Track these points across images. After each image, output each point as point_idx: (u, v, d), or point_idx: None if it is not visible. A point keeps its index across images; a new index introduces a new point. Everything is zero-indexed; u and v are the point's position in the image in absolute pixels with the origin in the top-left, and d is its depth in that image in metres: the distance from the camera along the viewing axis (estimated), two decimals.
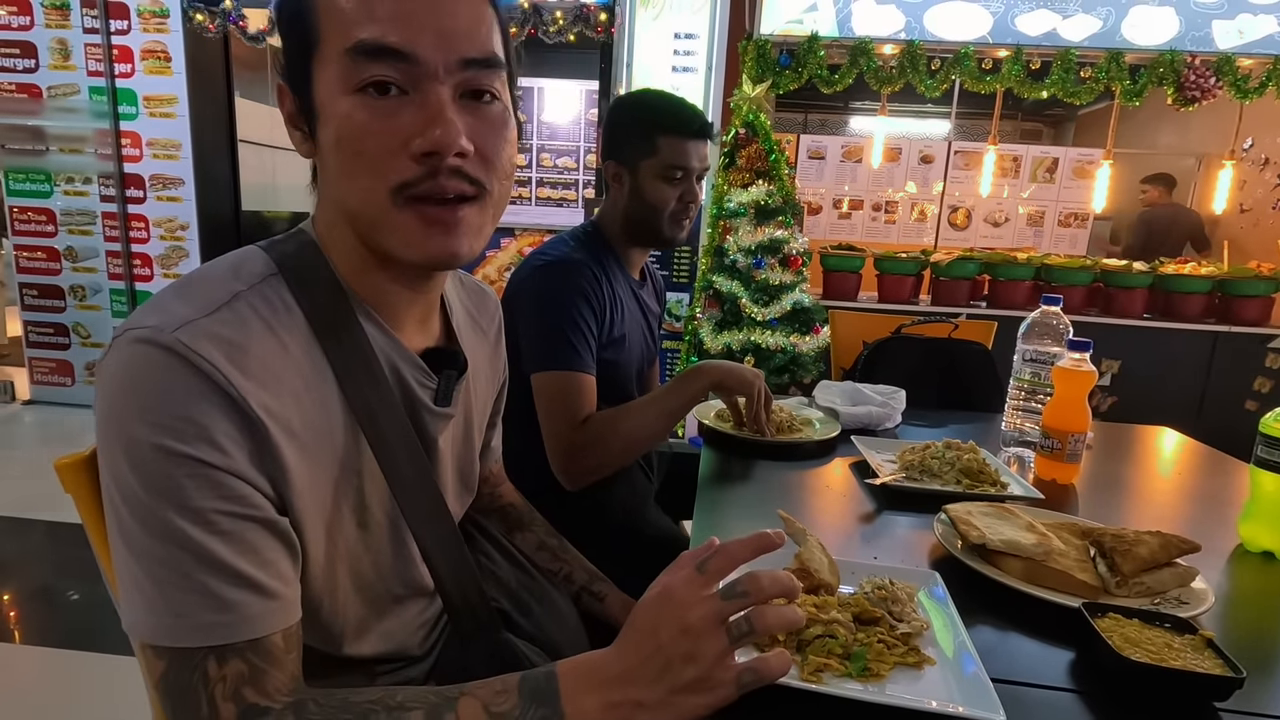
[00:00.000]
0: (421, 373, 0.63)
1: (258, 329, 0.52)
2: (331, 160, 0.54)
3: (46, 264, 3.65)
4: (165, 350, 0.48)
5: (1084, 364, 1.09)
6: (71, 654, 1.78)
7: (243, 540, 0.49)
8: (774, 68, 3.16)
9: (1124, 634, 0.63)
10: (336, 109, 0.52)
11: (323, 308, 0.56)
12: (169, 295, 0.52)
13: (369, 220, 0.54)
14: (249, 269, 0.56)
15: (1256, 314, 3.17)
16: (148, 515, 0.48)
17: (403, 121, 0.51)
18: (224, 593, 0.48)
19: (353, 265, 0.59)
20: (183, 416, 0.47)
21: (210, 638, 0.48)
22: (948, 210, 4.79)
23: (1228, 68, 3.02)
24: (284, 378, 0.52)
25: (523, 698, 0.48)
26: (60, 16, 3.41)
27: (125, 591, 0.49)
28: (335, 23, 0.52)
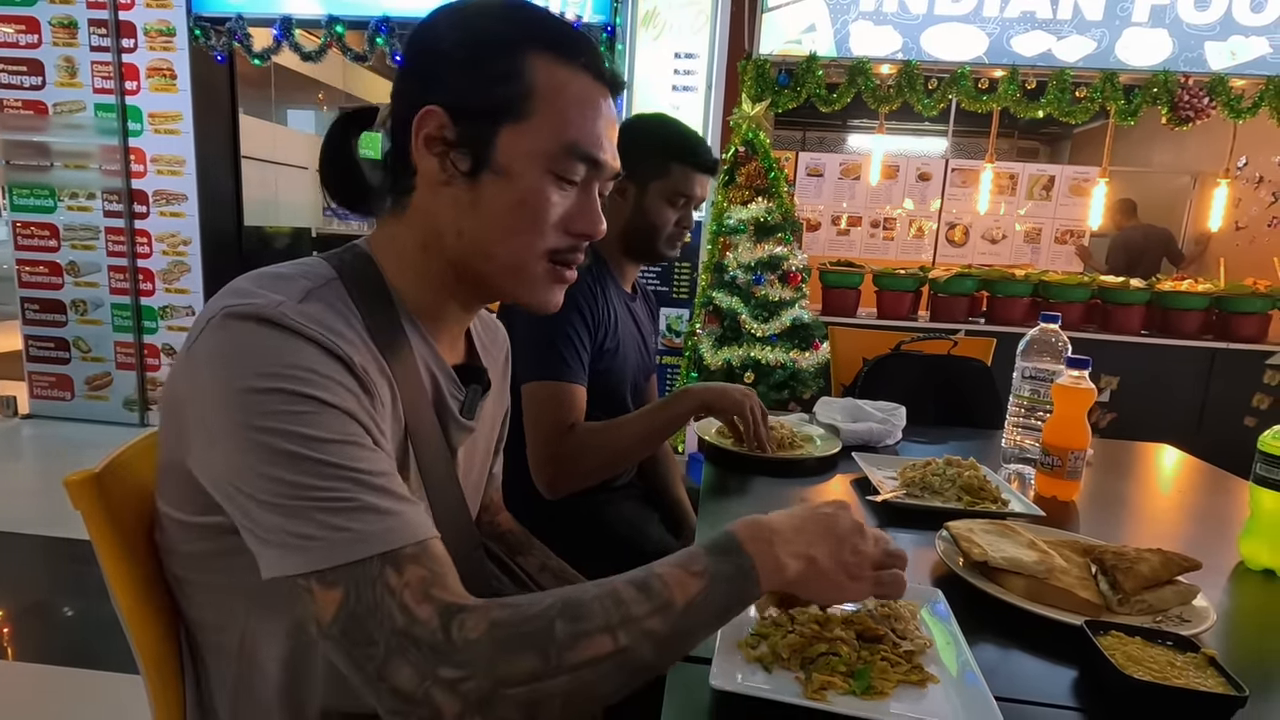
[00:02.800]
0: (453, 384, 0.66)
1: (337, 319, 0.55)
2: (495, 211, 0.59)
3: (48, 278, 3.67)
4: (271, 323, 0.51)
5: (1083, 381, 1.10)
6: (70, 671, 1.76)
7: (371, 462, 0.51)
8: (773, 87, 3.20)
9: (1126, 652, 0.63)
10: (528, 178, 0.59)
11: (376, 312, 0.59)
12: (250, 285, 0.54)
13: (511, 266, 0.62)
14: (314, 270, 0.59)
15: (1254, 331, 3.19)
16: (278, 453, 0.48)
17: (571, 207, 0.62)
18: (379, 502, 0.50)
19: (416, 281, 0.63)
20: (298, 365, 0.50)
21: (383, 543, 0.48)
22: (945, 227, 4.83)
23: (1221, 88, 3.06)
24: (373, 367, 0.56)
25: (710, 555, 0.54)
26: (68, 35, 3.45)
27: (274, 540, 0.49)
28: (555, 115, 0.59)
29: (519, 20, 0.60)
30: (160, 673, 0.63)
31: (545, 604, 0.49)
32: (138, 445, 0.69)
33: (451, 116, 0.58)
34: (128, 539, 0.62)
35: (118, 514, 0.62)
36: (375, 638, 0.47)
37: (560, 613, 0.49)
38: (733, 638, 0.65)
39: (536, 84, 0.58)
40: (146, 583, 0.62)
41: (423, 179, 0.60)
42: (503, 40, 0.58)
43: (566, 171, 0.60)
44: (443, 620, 0.47)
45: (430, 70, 0.60)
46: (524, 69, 0.58)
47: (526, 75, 0.58)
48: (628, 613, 0.50)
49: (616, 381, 1.28)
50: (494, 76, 0.58)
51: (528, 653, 0.47)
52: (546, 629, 0.48)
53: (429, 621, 0.47)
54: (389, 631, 0.47)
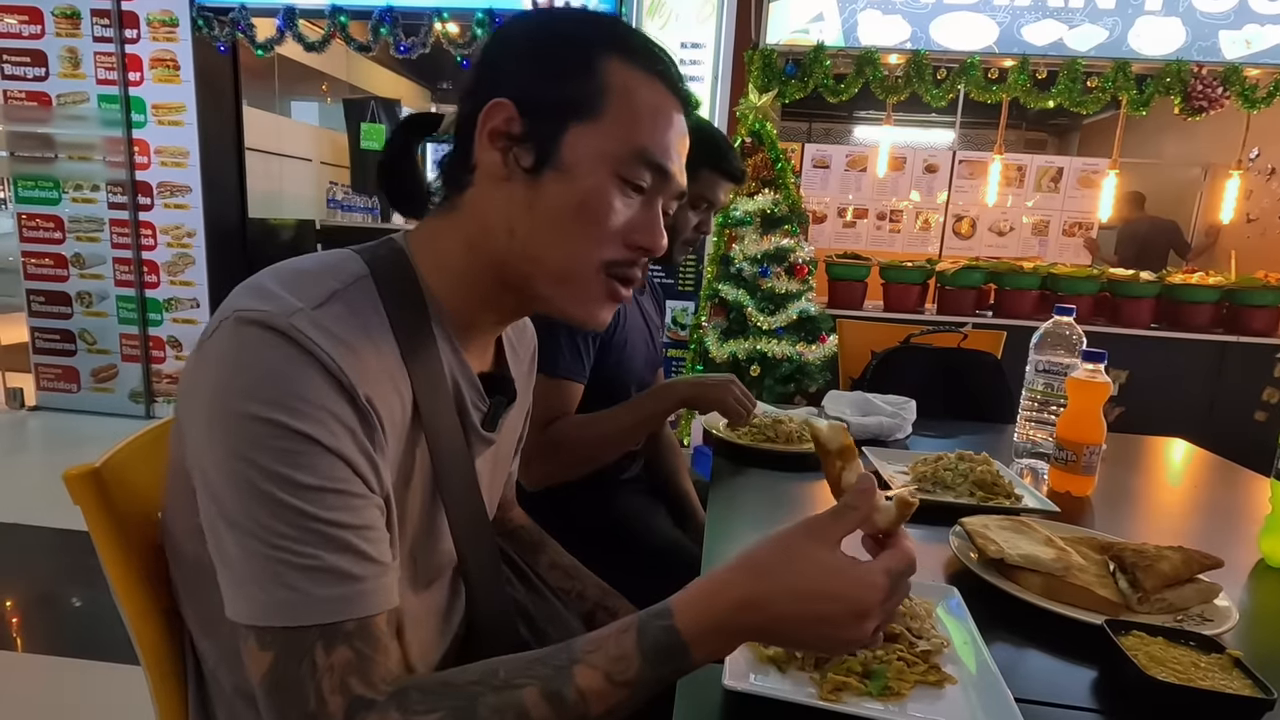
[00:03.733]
0: (477, 394, 0.63)
1: (356, 327, 0.53)
2: (553, 210, 0.56)
3: (54, 270, 3.67)
4: (281, 335, 0.49)
5: (1099, 375, 1.08)
6: (76, 662, 1.77)
7: (351, 515, 0.49)
8: (780, 77, 3.17)
9: (1149, 652, 0.61)
10: (593, 179, 0.56)
11: (405, 316, 0.57)
12: (271, 282, 0.53)
13: (561, 272, 0.58)
14: (344, 268, 0.56)
15: (1265, 324, 3.15)
16: (255, 491, 0.47)
17: (633, 217, 0.58)
18: (341, 563, 0.48)
19: (454, 283, 0.60)
20: (298, 395, 0.48)
21: (326, 613, 0.47)
22: (952, 219, 4.79)
23: (1235, 78, 3.02)
24: (381, 379, 0.54)
25: (647, 662, 0.48)
26: (71, 26, 3.44)
27: (231, 576, 0.48)
28: (626, 117, 0.56)
29: (596, 23, 0.59)
30: (160, 668, 0.62)
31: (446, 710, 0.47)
32: (140, 439, 0.68)
33: (520, 110, 0.56)
34: (128, 534, 0.61)
35: (118, 509, 0.61)
36: (289, 715, 0.47)
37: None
38: None
39: (610, 83, 0.56)
40: (147, 578, 0.61)
41: (481, 174, 0.58)
42: (578, 39, 0.57)
43: (633, 177, 0.57)
44: (347, 716, 0.46)
45: (501, 65, 0.58)
46: (598, 67, 0.56)
47: (600, 74, 0.56)
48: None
49: (624, 376, 1.27)
50: (567, 72, 0.56)
51: None
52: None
53: (335, 714, 0.46)
54: (300, 714, 0.46)
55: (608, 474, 1.27)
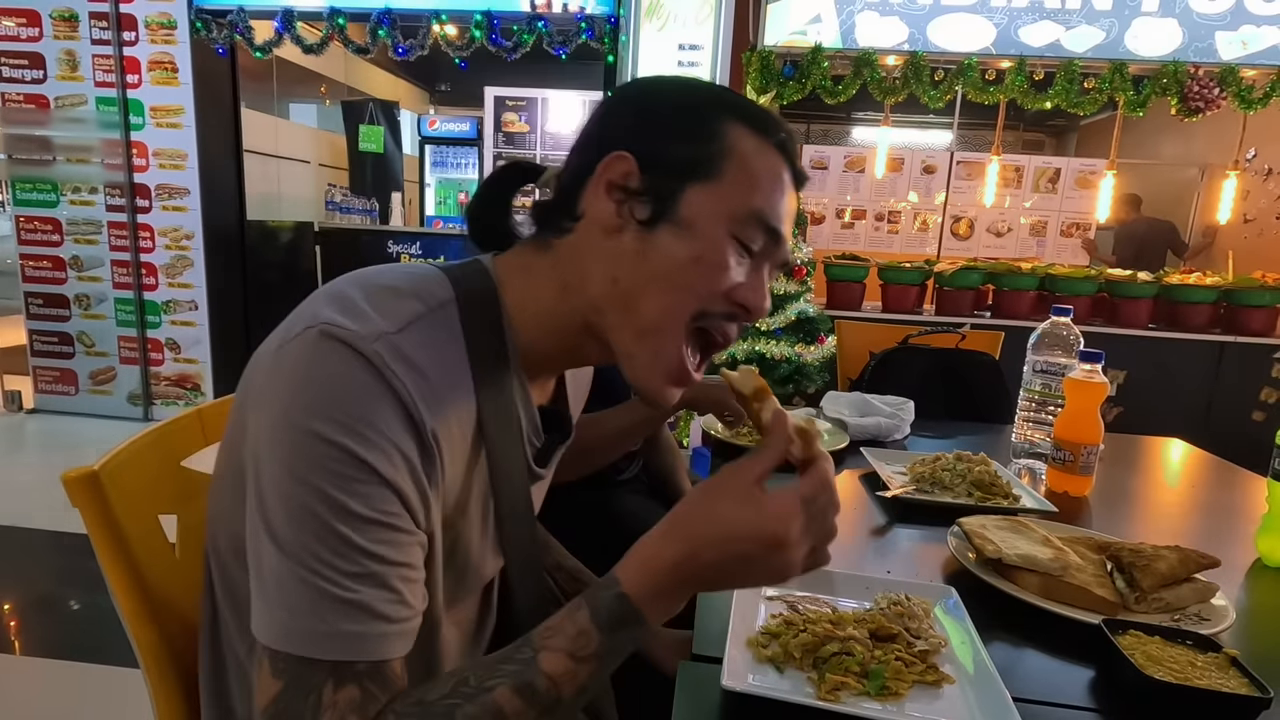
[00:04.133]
0: (534, 430, 0.64)
1: (434, 356, 0.53)
2: (666, 262, 0.56)
3: (52, 273, 3.66)
4: (364, 359, 0.49)
5: (1096, 375, 1.09)
6: (74, 665, 1.76)
7: (395, 551, 0.49)
8: (778, 78, 3.17)
9: (1146, 652, 0.62)
10: (710, 235, 0.56)
11: (484, 348, 0.57)
12: (358, 296, 0.53)
13: (653, 326, 0.57)
14: (431, 291, 0.56)
15: (1262, 324, 3.16)
16: (306, 511, 0.47)
17: (739, 275, 0.58)
18: (369, 601, 0.48)
19: (537, 320, 0.60)
20: (368, 422, 0.48)
21: (344, 650, 0.47)
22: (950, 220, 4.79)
23: (1231, 78, 3.02)
24: (449, 410, 0.54)
25: (604, 633, 0.49)
26: (69, 28, 3.44)
27: (262, 590, 0.48)
28: (745, 180, 0.57)
29: (722, 92, 0.61)
30: (160, 669, 0.62)
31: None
32: (138, 441, 0.68)
33: (640, 165, 0.56)
34: (127, 536, 0.61)
35: (117, 511, 0.61)
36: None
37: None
38: (743, 635, 0.64)
39: (731, 147, 0.57)
40: (146, 581, 0.61)
41: (590, 223, 0.58)
42: (704, 103, 0.59)
43: (747, 238, 0.57)
44: None
45: (624, 121, 0.59)
46: (721, 131, 0.57)
47: (722, 137, 0.57)
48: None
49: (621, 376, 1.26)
50: (691, 133, 0.57)
51: None
52: None
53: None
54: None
55: (606, 475, 1.27)
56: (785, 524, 0.50)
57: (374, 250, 4.06)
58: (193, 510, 0.71)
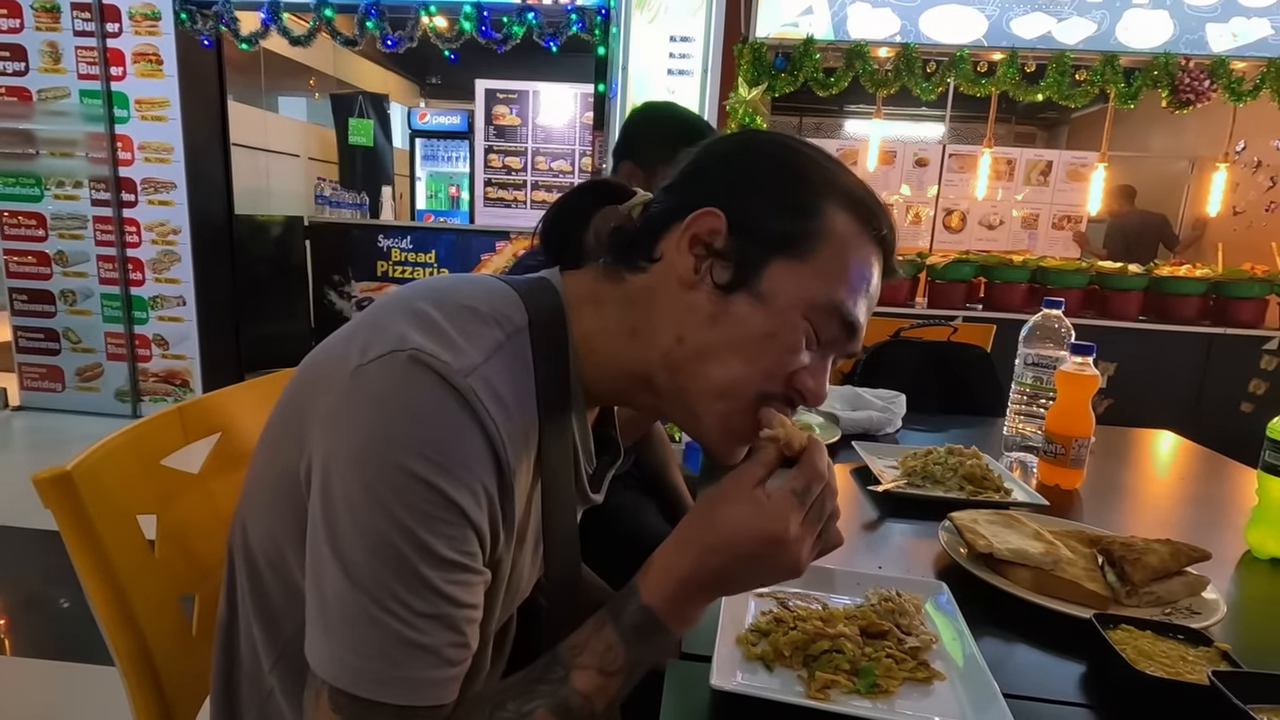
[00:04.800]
0: (588, 457, 0.62)
1: (514, 390, 0.52)
2: (739, 331, 0.54)
3: (37, 269, 3.62)
4: (459, 395, 0.48)
5: (1087, 368, 1.08)
6: (62, 665, 1.75)
7: (466, 593, 0.49)
8: (770, 71, 3.16)
9: (1137, 646, 0.61)
10: (787, 315, 0.54)
11: (552, 378, 0.56)
12: (439, 317, 0.51)
13: (720, 392, 0.56)
14: (508, 315, 0.55)
15: (1251, 316, 3.18)
16: (388, 547, 0.46)
17: (804, 361, 0.56)
18: (438, 646, 0.47)
19: (601, 362, 0.59)
20: (462, 462, 0.47)
21: (411, 696, 0.46)
22: (943, 213, 4.80)
23: (1222, 71, 3.03)
24: (521, 440, 0.53)
25: (631, 646, 0.51)
26: (51, 19, 3.38)
27: (324, 620, 0.47)
28: (835, 268, 0.55)
29: (832, 169, 0.58)
30: (138, 671, 0.61)
31: None
32: (117, 439, 0.67)
33: (730, 226, 0.54)
34: (103, 538, 0.60)
35: (92, 512, 0.59)
36: None
37: None
38: (733, 632, 0.63)
39: (830, 231, 0.55)
40: (123, 583, 0.60)
41: (666, 270, 0.56)
42: (814, 178, 0.56)
43: (821, 326, 0.55)
44: None
45: (721, 175, 0.57)
46: (824, 211, 0.55)
47: (823, 218, 0.55)
48: None
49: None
50: (792, 206, 0.55)
51: None
52: None
53: None
54: None
55: None
56: (783, 520, 0.50)
57: (364, 245, 4.03)
58: (174, 510, 0.70)
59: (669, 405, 0.59)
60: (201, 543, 0.72)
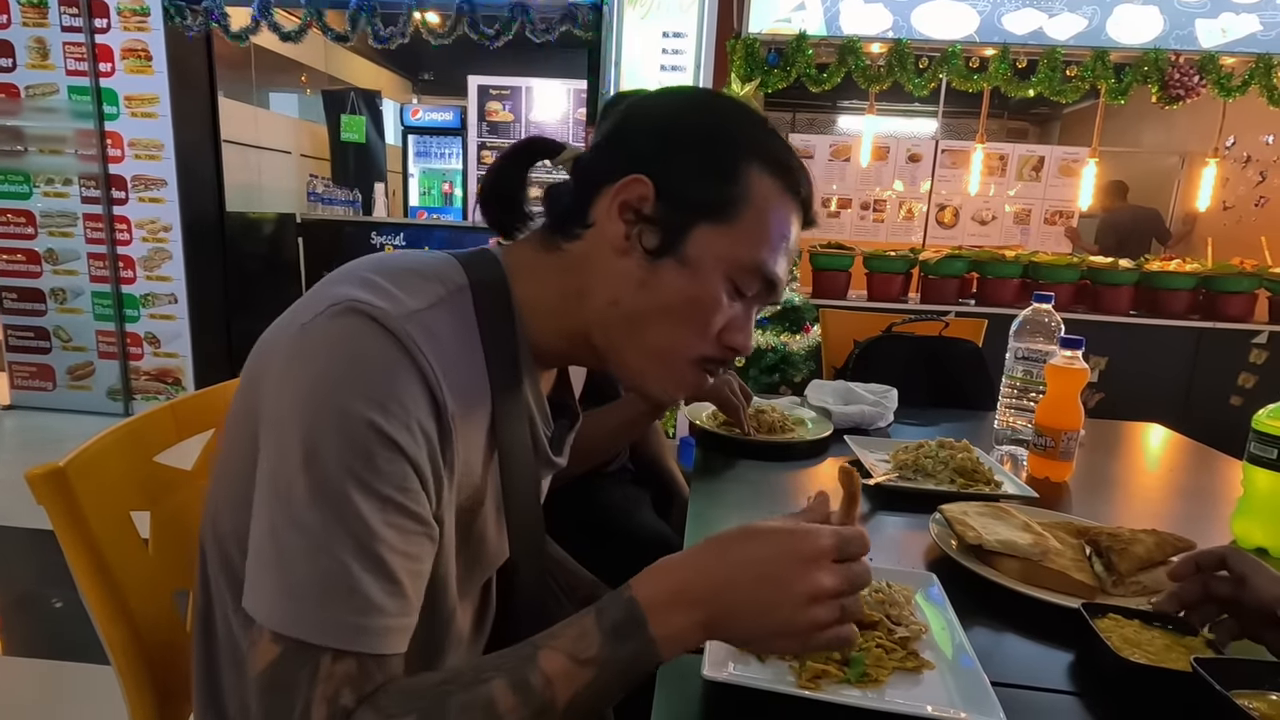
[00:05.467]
0: (545, 421, 0.64)
1: (457, 339, 0.54)
2: (665, 297, 0.57)
3: (26, 266, 3.59)
4: (394, 337, 0.49)
5: (1076, 361, 1.09)
6: (54, 664, 1.74)
7: (404, 542, 0.49)
8: (762, 66, 3.16)
9: (1124, 635, 0.62)
10: (710, 278, 0.57)
11: (497, 338, 0.58)
12: (379, 276, 0.53)
13: (657, 354, 0.59)
14: (448, 275, 0.57)
15: (1240, 310, 3.20)
16: (329, 488, 0.46)
17: (728, 316, 0.60)
18: (375, 596, 0.47)
19: (544, 319, 0.60)
20: (397, 400, 0.49)
21: (348, 639, 0.46)
22: (935, 209, 4.81)
23: (1211, 66, 3.05)
24: (468, 396, 0.54)
25: (607, 637, 0.47)
26: (38, 15, 3.35)
27: (264, 566, 0.47)
28: (757, 230, 0.58)
29: (752, 131, 0.59)
30: (133, 668, 0.61)
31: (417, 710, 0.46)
32: (110, 436, 0.67)
33: (657, 193, 0.56)
34: (96, 535, 0.60)
35: (85, 509, 0.59)
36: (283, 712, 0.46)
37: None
38: None
39: (752, 195, 0.57)
40: (116, 579, 0.60)
41: (598, 237, 0.58)
42: (733, 141, 0.58)
43: (744, 284, 0.59)
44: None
45: (649, 141, 0.58)
46: (745, 176, 0.57)
47: (745, 183, 0.57)
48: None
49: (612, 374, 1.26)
50: (715, 172, 0.57)
51: None
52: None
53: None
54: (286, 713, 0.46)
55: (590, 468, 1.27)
56: (814, 544, 0.48)
57: (357, 242, 4.02)
58: (167, 506, 0.70)
59: (609, 362, 0.61)
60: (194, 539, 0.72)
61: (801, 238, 0.64)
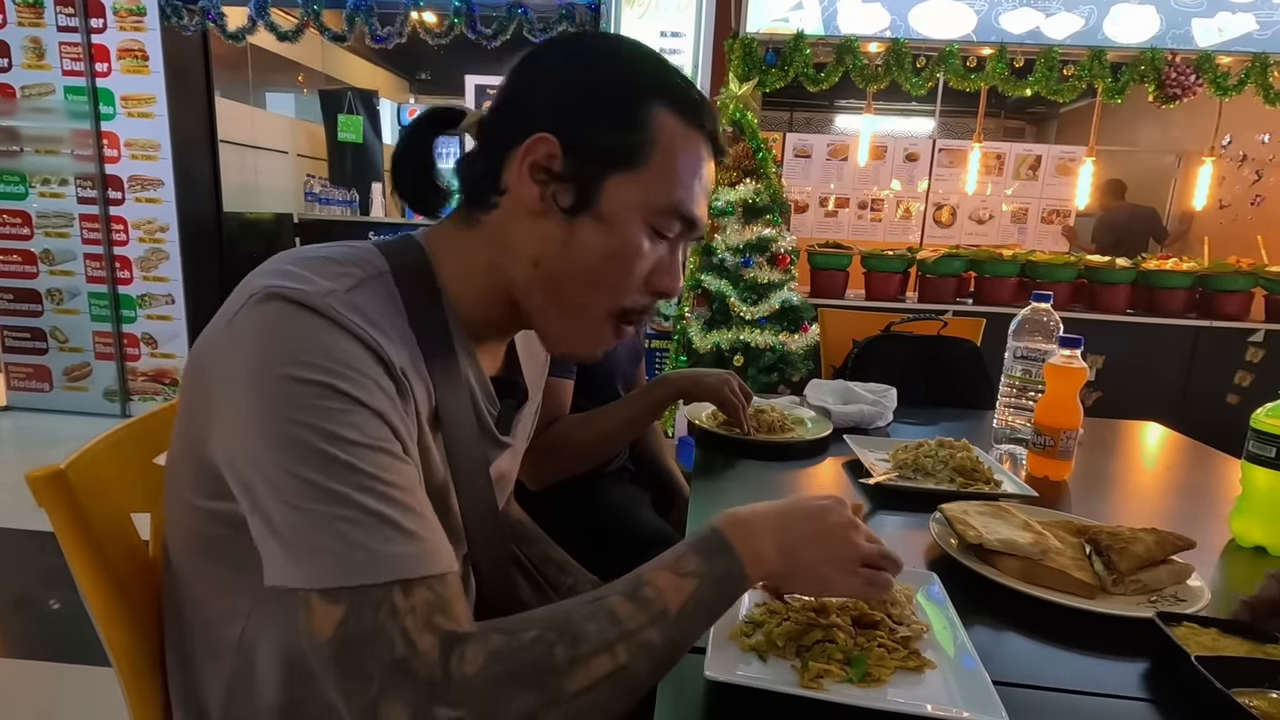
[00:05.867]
0: (489, 399, 0.64)
1: (383, 316, 0.54)
2: (586, 255, 0.57)
3: (23, 267, 3.58)
4: (315, 312, 0.49)
5: (1075, 360, 1.10)
6: (53, 666, 1.74)
7: (398, 476, 0.49)
8: (760, 66, 3.16)
9: (1201, 643, 0.61)
10: (628, 229, 0.58)
11: (424, 315, 0.58)
12: (296, 266, 0.53)
13: (579, 312, 0.60)
14: (367, 260, 0.57)
15: (1236, 309, 3.21)
16: (308, 451, 0.46)
17: (655, 260, 0.60)
18: (404, 521, 0.47)
19: (472, 293, 0.61)
20: (341, 361, 0.49)
21: (398, 569, 0.46)
22: (933, 208, 4.82)
23: (1207, 65, 3.05)
24: (407, 360, 0.54)
25: (702, 556, 0.53)
26: (34, 14, 3.34)
27: (280, 544, 0.46)
28: (668, 171, 0.58)
29: (650, 71, 0.59)
30: (134, 669, 0.61)
31: (541, 628, 0.48)
32: (110, 437, 0.67)
33: (564, 149, 0.56)
34: (97, 536, 0.60)
35: (86, 511, 0.59)
36: (370, 670, 0.44)
37: (559, 638, 0.47)
38: (726, 626, 0.63)
39: (658, 138, 0.57)
40: (117, 580, 0.60)
41: (513, 202, 0.58)
42: (632, 86, 0.57)
43: (663, 227, 0.59)
44: (443, 652, 0.45)
45: (548, 96, 0.58)
46: (648, 119, 0.57)
47: (649, 126, 0.57)
48: (624, 629, 0.48)
49: (608, 369, 1.26)
50: (618, 120, 0.57)
51: (526, 687, 0.46)
52: (545, 657, 0.46)
53: (428, 653, 0.45)
54: (385, 662, 0.44)
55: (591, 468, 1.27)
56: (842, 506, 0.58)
57: None
58: None
59: (537, 322, 0.62)
60: None
61: (800, 237, 0.64)
